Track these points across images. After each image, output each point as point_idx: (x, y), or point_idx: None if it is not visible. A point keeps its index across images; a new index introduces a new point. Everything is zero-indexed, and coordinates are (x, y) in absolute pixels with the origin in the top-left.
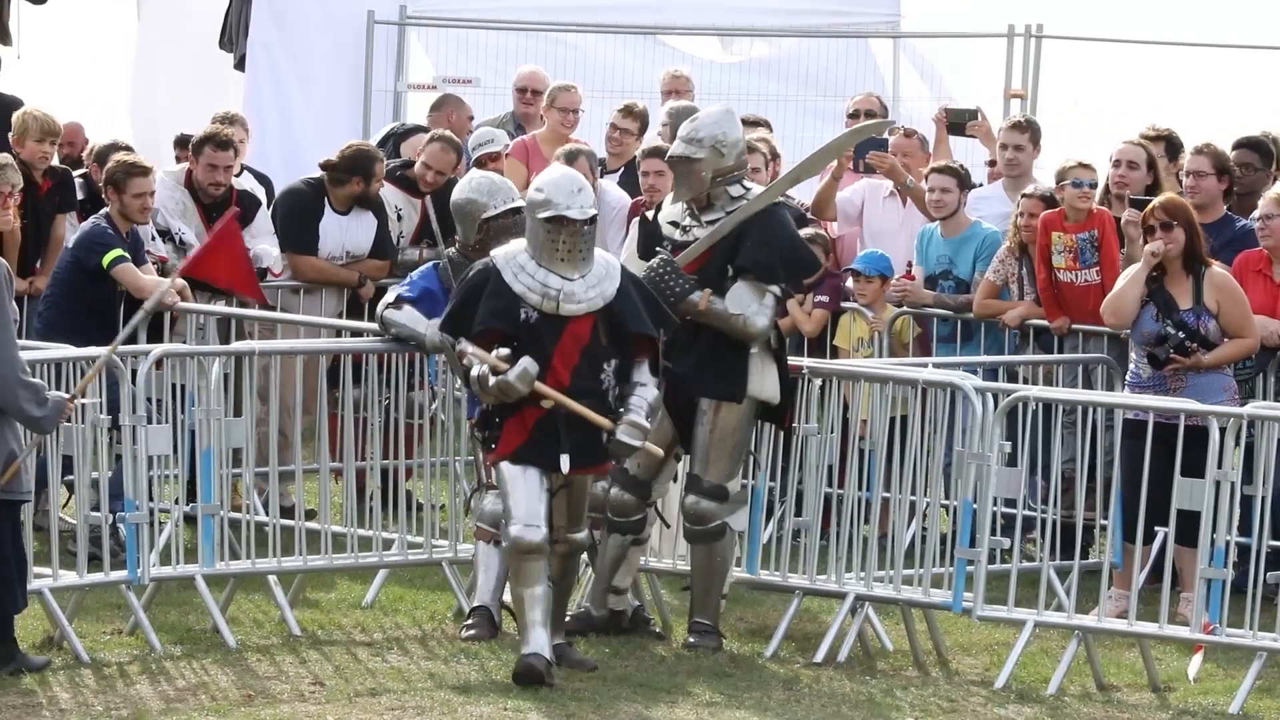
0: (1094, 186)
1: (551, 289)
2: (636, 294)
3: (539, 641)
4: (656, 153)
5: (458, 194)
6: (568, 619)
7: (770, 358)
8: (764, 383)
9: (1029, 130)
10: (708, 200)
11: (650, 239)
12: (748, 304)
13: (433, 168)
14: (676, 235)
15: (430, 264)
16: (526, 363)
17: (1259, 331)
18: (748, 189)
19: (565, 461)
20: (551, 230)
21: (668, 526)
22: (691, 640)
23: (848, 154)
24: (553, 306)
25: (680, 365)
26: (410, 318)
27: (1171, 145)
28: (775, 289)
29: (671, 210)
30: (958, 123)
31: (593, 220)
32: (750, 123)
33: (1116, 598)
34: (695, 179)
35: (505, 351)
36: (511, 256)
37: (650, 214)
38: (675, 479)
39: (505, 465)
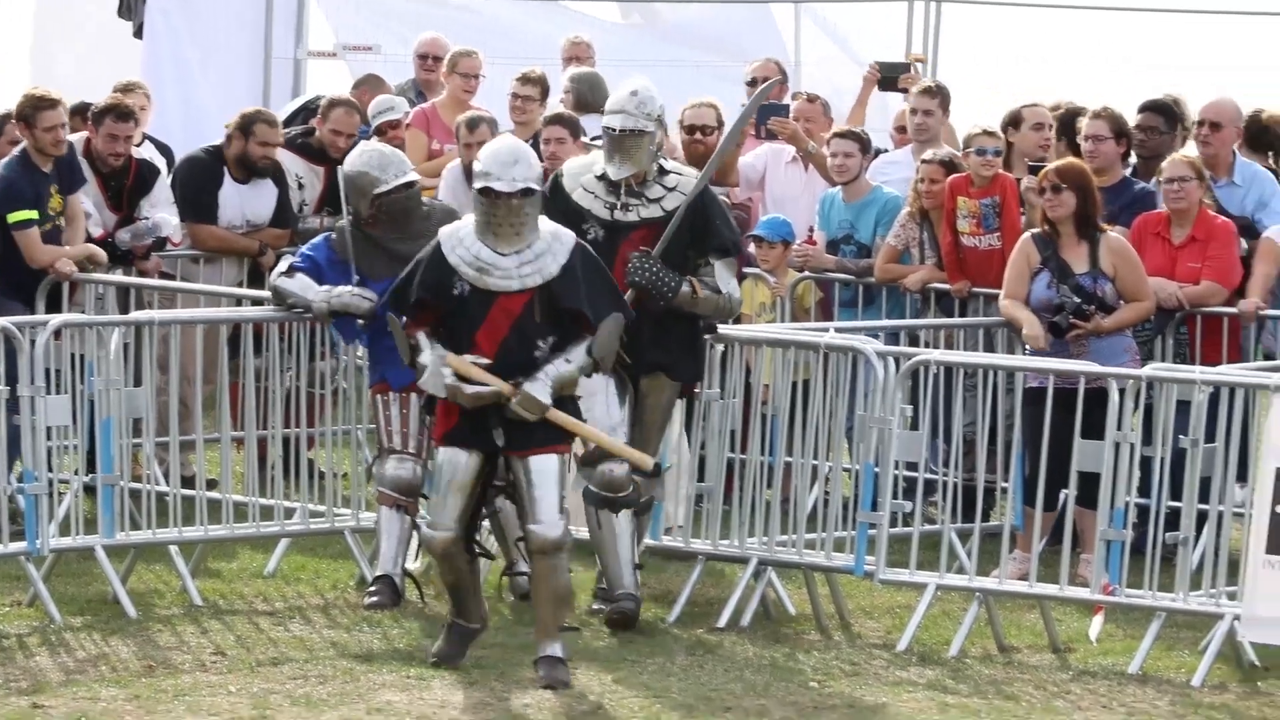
0: (999, 154)
1: (483, 262)
2: (585, 273)
3: (454, 636)
4: (558, 120)
5: (349, 166)
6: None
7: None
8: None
9: (939, 95)
10: (643, 176)
11: (570, 216)
12: (729, 280)
13: (342, 133)
14: (612, 214)
15: (323, 235)
16: (490, 390)
17: (1156, 294)
18: (670, 165)
19: (500, 435)
20: (484, 202)
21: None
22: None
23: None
24: (482, 280)
25: (656, 355)
26: (301, 285)
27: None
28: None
29: (587, 185)
30: (890, 76)
31: (526, 194)
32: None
33: (1019, 559)
34: (643, 153)
35: (485, 361)
36: (456, 229)
37: (546, 190)
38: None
39: (439, 453)
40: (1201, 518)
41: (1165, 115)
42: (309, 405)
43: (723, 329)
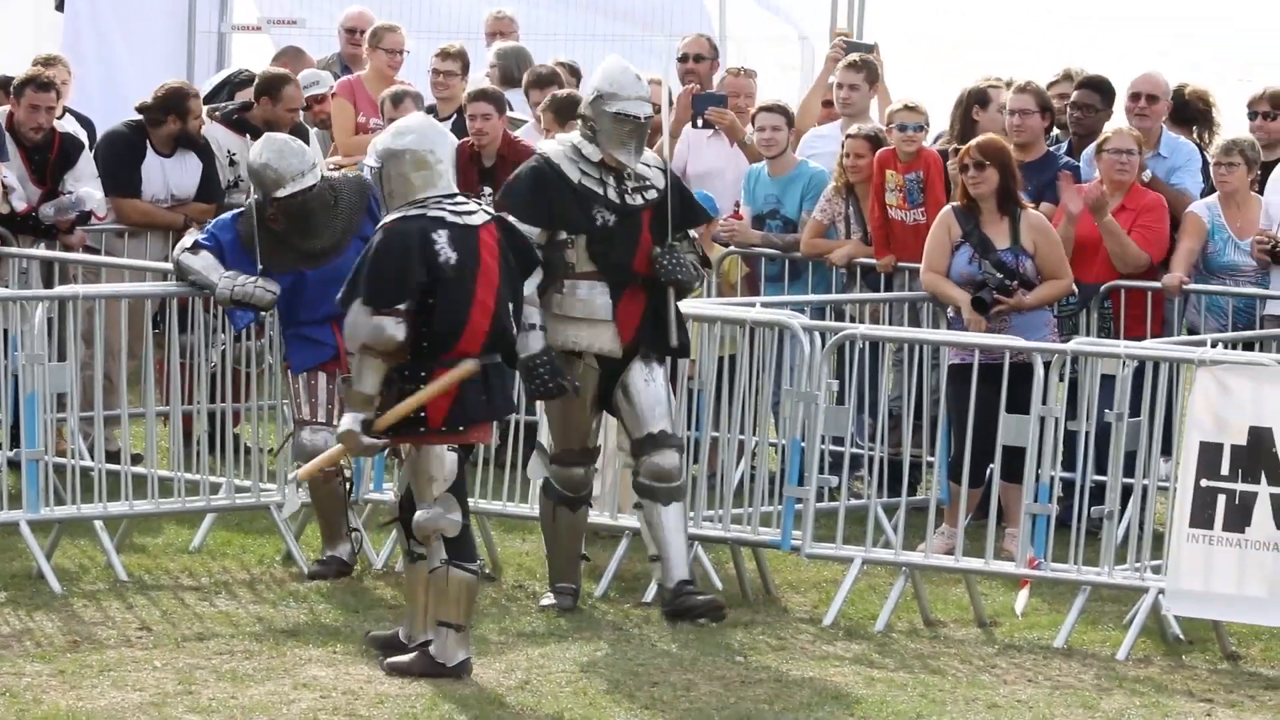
0: (919, 129)
1: None
2: (361, 256)
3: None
4: (483, 96)
5: (252, 157)
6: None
7: None
8: None
9: (864, 69)
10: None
11: (581, 201)
12: (705, 248)
13: (297, 108)
14: (623, 199)
15: (232, 214)
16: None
17: (1071, 273)
18: None
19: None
20: None
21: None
22: (696, 599)
23: (687, 108)
24: None
25: (681, 337)
26: (205, 264)
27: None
28: None
29: (585, 169)
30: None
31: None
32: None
33: (946, 534)
34: (646, 139)
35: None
36: None
37: (544, 173)
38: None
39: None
40: (1126, 492)
41: (1101, 92)
42: (234, 380)
43: None
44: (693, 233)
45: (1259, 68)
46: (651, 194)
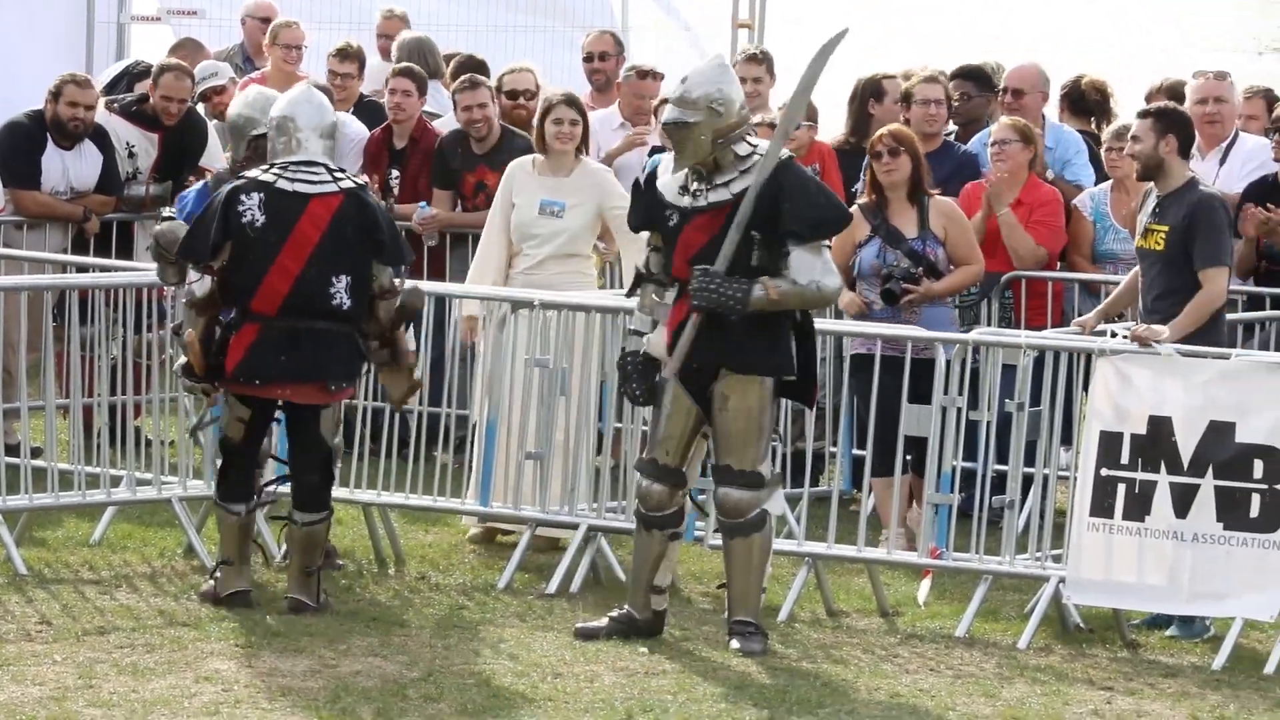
0: (798, 127)
1: None
2: None
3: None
4: (407, 73)
5: (233, 110)
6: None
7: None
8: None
9: (765, 62)
10: (714, 164)
11: (653, 208)
12: (812, 268)
13: (173, 98)
14: (685, 201)
15: (200, 183)
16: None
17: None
18: (754, 146)
19: None
20: None
21: (705, 515)
22: (736, 645)
23: (647, 116)
24: None
25: (715, 344)
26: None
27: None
28: (828, 243)
29: (672, 174)
30: None
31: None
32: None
33: (910, 519)
34: (694, 144)
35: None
36: None
37: (642, 179)
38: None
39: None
40: (1027, 481)
41: (976, 80)
42: (135, 373)
43: (554, 297)
44: (796, 250)
45: (1190, 18)
46: (720, 195)
